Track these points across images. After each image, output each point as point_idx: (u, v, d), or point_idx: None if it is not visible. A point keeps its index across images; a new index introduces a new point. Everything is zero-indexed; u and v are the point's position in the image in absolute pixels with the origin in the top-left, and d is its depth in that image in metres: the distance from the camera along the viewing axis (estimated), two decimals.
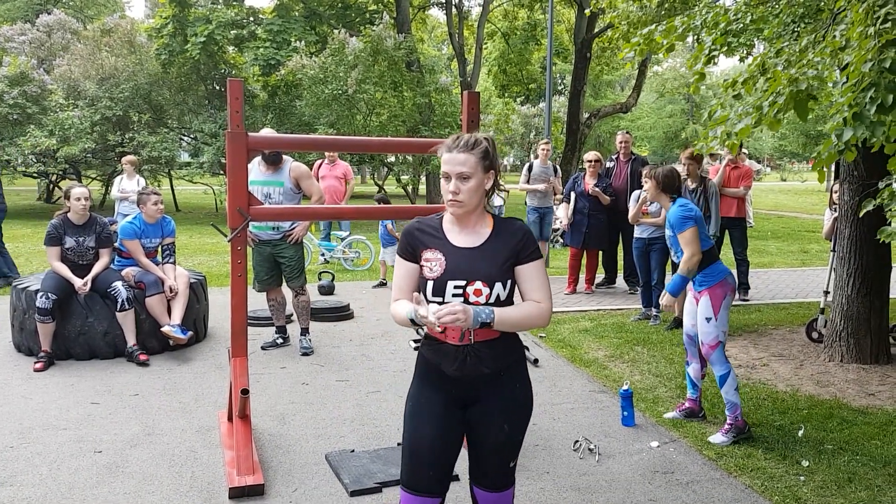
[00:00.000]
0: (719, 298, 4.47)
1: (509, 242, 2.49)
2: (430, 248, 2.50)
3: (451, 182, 2.43)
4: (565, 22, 29.70)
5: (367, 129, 17.16)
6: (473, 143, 2.44)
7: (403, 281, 2.56)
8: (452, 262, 2.46)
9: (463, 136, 2.46)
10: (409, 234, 2.56)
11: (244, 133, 3.99)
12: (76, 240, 5.97)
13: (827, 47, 3.89)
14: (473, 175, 2.43)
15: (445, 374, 2.50)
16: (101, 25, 20.75)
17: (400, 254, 2.57)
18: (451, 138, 2.49)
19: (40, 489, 3.66)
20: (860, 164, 5.84)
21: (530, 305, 2.50)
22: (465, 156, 2.42)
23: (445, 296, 2.43)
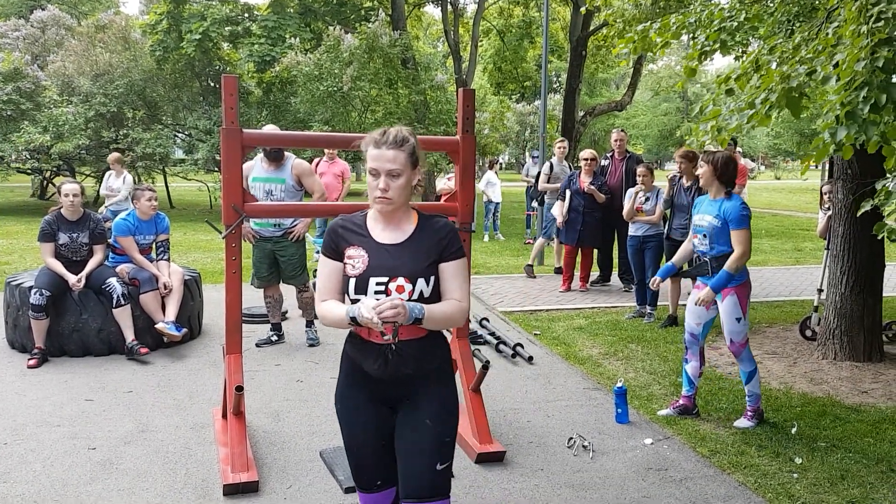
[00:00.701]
0: (745, 297, 4.54)
1: (433, 239, 2.46)
2: (353, 245, 2.46)
3: (380, 179, 2.37)
4: (561, 20, 29.71)
5: (362, 126, 17.12)
6: (402, 139, 2.39)
7: (328, 280, 2.50)
8: (375, 258, 2.42)
9: (390, 132, 2.39)
10: (333, 231, 2.51)
11: (239, 129, 3.98)
12: (70, 236, 5.95)
13: (819, 45, 3.90)
14: (403, 172, 2.38)
15: (365, 372, 2.46)
16: (95, 21, 20.68)
17: (324, 252, 2.51)
18: (376, 133, 2.41)
19: (34, 486, 3.65)
20: (854, 163, 5.85)
21: (452, 304, 2.45)
22: (394, 152, 2.36)
23: (367, 293, 2.39)
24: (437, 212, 5.14)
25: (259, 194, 5.94)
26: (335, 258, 2.49)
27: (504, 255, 12.51)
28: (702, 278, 4.69)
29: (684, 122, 49.60)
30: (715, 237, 4.57)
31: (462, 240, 4.39)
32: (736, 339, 4.54)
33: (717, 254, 4.56)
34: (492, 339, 6.41)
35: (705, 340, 4.84)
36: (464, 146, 4.30)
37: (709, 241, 4.61)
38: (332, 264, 2.49)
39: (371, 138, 2.41)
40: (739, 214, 4.47)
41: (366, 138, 2.44)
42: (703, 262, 4.69)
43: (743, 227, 4.47)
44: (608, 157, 9.19)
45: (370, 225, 2.50)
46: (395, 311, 2.23)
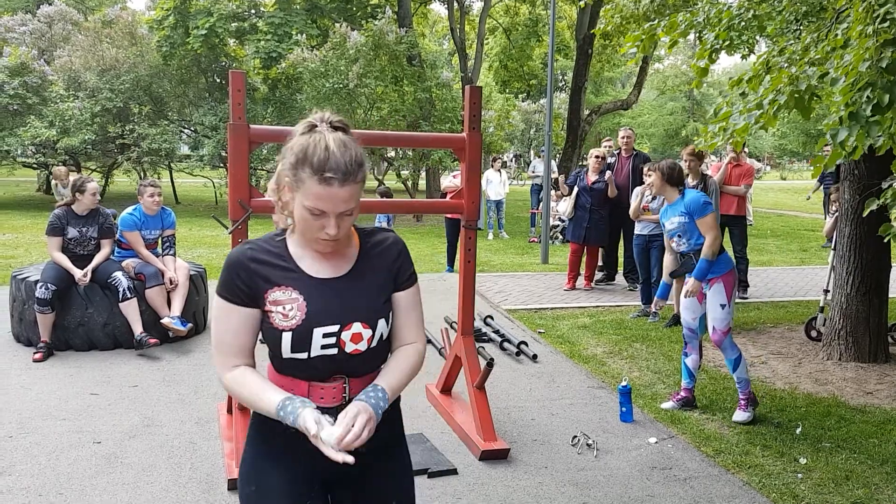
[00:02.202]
0: (731, 286, 4.68)
1: (384, 263, 1.91)
2: (279, 284, 1.81)
3: (326, 220, 1.73)
4: (567, 18, 29.66)
5: (367, 123, 17.12)
6: (356, 164, 1.73)
7: (238, 336, 1.81)
8: (315, 301, 1.80)
9: (338, 158, 1.70)
10: (240, 266, 1.81)
11: (246, 125, 3.98)
12: (79, 230, 5.97)
13: (829, 46, 3.89)
14: (356, 206, 1.77)
15: (309, 448, 1.73)
16: (102, 17, 20.73)
17: (227, 295, 1.81)
18: (315, 158, 1.69)
19: (39, 479, 3.66)
20: (861, 164, 5.84)
21: (410, 356, 1.92)
22: (349, 188, 1.72)
23: (312, 349, 1.79)
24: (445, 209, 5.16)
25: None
26: (247, 304, 1.80)
27: (508, 253, 12.51)
28: (690, 274, 4.80)
29: (690, 121, 49.54)
30: (689, 232, 4.78)
31: (468, 237, 4.42)
32: (719, 326, 4.64)
33: (695, 246, 4.78)
34: (496, 337, 6.41)
35: (703, 334, 4.90)
36: (470, 143, 4.30)
37: (685, 239, 4.82)
38: (244, 313, 1.81)
39: (308, 165, 1.70)
40: (700, 203, 4.72)
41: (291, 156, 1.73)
42: (687, 259, 4.85)
43: (706, 214, 4.70)
44: (615, 155, 9.18)
45: (295, 253, 1.85)
46: (369, 430, 1.72)
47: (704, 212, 4.70)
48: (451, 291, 8.11)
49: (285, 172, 1.75)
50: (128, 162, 19.79)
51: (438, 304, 7.85)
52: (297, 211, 1.76)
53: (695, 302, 4.78)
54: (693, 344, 4.85)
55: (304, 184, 1.70)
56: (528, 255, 12.30)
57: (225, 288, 1.81)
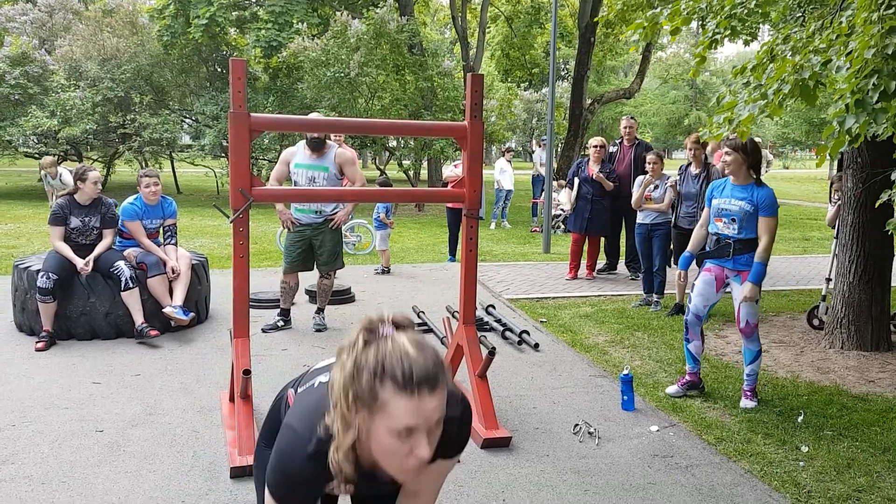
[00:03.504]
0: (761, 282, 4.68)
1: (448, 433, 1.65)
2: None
3: (419, 440, 1.50)
4: (569, 6, 29.54)
5: (368, 112, 17.08)
6: (441, 365, 1.53)
7: None
8: (362, 486, 1.69)
9: (422, 363, 1.49)
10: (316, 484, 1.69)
11: (246, 113, 3.97)
12: (82, 220, 5.98)
13: (833, 33, 3.86)
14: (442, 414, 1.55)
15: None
16: (102, 6, 20.65)
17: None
18: (398, 371, 1.47)
19: (42, 468, 3.67)
20: (864, 152, 5.82)
21: None
22: (439, 394, 1.51)
23: None
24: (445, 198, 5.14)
25: (302, 180, 6.02)
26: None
27: (510, 242, 12.50)
28: (716, 261, 4.75)
29: (692, 110, 49.41)
30: (746, 221, 4.63)
31: (470, 226, 4.41)
32: (752, 319, 4.65)
33: (743, 237, 4.64)
34: (498, 326, 6.41)
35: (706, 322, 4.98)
36: (472, 132, 4.28)
37: (737, 225, 4.65)
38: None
39: (390, 379, 1.47)
40: (772, 202, 4.59)
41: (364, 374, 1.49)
42: (725, 245, 4.72)
43: (774, 215, 4.59)
44: (617, 143, 9.16)
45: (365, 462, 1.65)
46: None
47: (773, 212, 4.57)
48: (453, 281, 8.12)
49: (358, 393, 1.50)
50: (129, 152, 19.78)
51: (440, 294, 7.86)
52: (378, 440, 1.52)
53: (710, 289, 4.77)
54: (695, 330, 4.86)
55: (389, 403, 1.47)
56: (530, 244, 12.29)
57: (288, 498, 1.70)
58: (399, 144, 20.14)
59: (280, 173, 6.17)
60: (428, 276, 9.08)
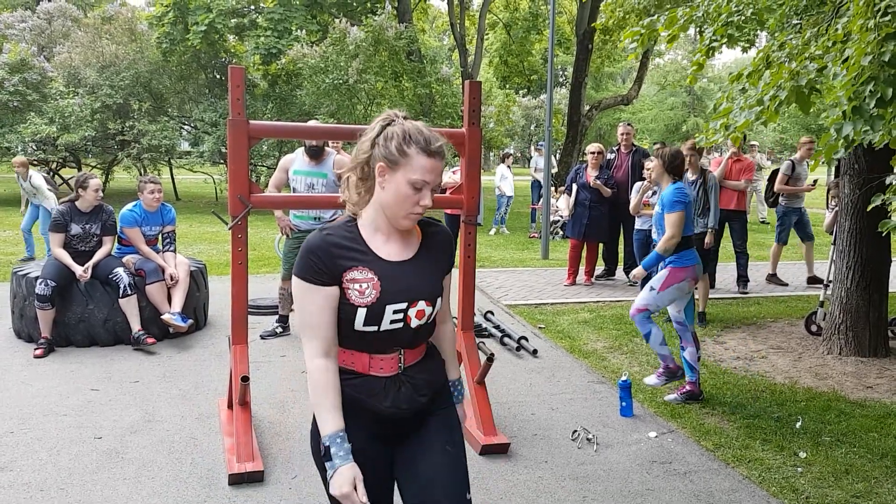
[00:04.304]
0: (675, 280, 4.81)
1: (439, 249, 2.15)
2: (355, 266, 1.99)
3: (426, 193, 1.98)
4: (567, 13, 29.62)
5: (367, 118, 17.11)
6: (442, 141, 2.01)
7: (324, 314, 1.98)
8: (388, 280, 2.00)
9: (435, 136, 1.99)
10: (323, 249, 1.98)
11: (245, 121, 3.98)
12: (83, 227, 5.99)
13: (829, 40, 3.88)
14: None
15: (370, 411, 2.04)
16: (101, 13, 20.68)
17: (309, 276, 1.97)
18: (418, 136, 1.96)
19: (40, 474, 3.67)
20: (861, 158, 5.84)
21: (450, 332, 2.30)
22: (442, 162, 1.99)
23: (382, 323, 2.00)
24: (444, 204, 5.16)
25: (300, 187, 6.03)
26: (327, 283, 1.97)
27: (509, 248, 12.51)
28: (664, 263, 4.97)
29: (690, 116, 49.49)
30: (659, 223, 4.91)
31: (468, 232, 4.42)
32: (638, 302, 4.87)
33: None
34: (496, 332, 6.42)
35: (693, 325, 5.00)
36: (470, 138, 4.30)
37: (657, 228, 4.98)
38: (325, 292, 1.97)
39: (415, 143, 1.95)
40: (672, 200, 4.81)
41: (393, 139, 1.96)
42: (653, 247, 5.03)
43: (675, 211, 4.77)
44: (614, 150, 9.18)
45: (367, 237, 2.05)
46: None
47: (673, 208, 4.79)
48: (452, 286, 8.13)
49: (386, 156, 1.95)
50: (128, 158, 19.77)
51: None
52: (395, 188, 1.96)
53: (679, 296, 4.87)
54: (686, 337, 4.91)
55: (412, 159, 1.93)
56: (529, 250, 12.30)
57: (306, 271, 1.97)
58: None
59: (279, 180, 6.18)
60: None
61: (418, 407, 2.08)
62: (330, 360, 1.99)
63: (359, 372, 2.04)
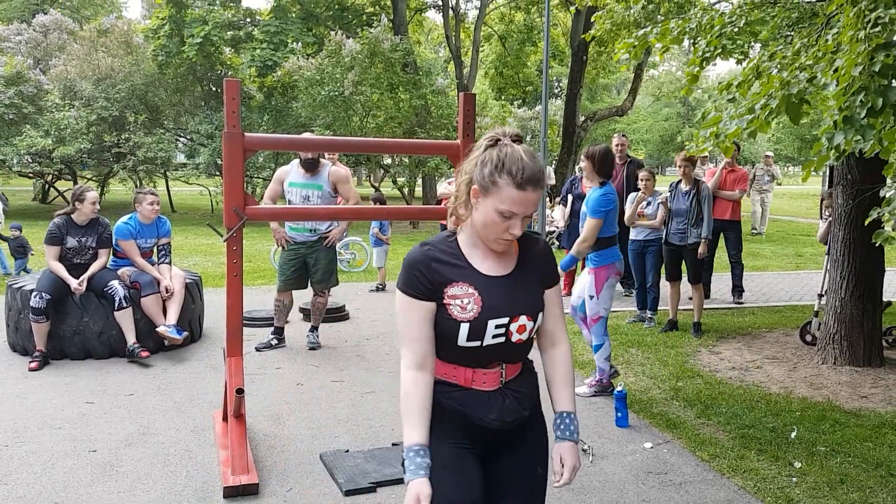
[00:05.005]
0: (602, 279, 5.04)
1: (537, 262, 2.13)
2: (456, 281, 2.01)
3: (515, 222, 1.95)
4: (562, 25, 29.76)
5: (363, 130, 17.16)
6: (543, 174, 1.95)
7: (422, 328, 2.00)
8: (489, 296, 2.01)
9: (532, 167, 1.92)
10: (424, 264, 2.01)
11: (240, 133, 4.00)
12: (79, 240, 5.98)
13: (819, 51, 3.92)
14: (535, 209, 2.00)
15: (473, 425, 2.06)
16: (97, 26, 20.73)
17: (410, 291, 2.01)
18: (512, 165, 1.91)
19: (35, 488, 3.66)
20: (854, 169, 5.87)
21: (564, 356, 2.21)
22: (538, 193, 1.94)
23: (485, 338, 2.01)
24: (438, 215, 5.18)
25: (296, 199, 6.04)
26: (428, 298, 2.00)
27: None
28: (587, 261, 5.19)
29: (685, 127, 49.69)
30: (583, 222, 5.12)
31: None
32: (590, 314, 5.10)
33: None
34: None
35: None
36: (465, 150, 4.31)
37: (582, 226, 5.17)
38: (425, 307, 2.00)
39: (507, 173, 1.92)
40: (596, 205, 5.00)
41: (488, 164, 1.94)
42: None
43: (595, 217, 4.97)
44: None
45: (467, 252, 2.06)
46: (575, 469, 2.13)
47: (594, 214, 4.98)
48: None
49: (479, 180, 1.95)
50: (124, 171, 19.78)
51: None
52: (484, 214, 1.97)
53: (613, 292, 5.22)
54: (578, 321, 5.38)
55: (502, 190, 1.92)
56: None
57: (408, 285, 2.01)
58: (394, 162, 20.20)
59: (274, 192, 6.19)
60: None
61: (522, 419, 2.11)
62: (423, 373, 2.00)
63: (461, 385, 2.06)
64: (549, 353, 2.23)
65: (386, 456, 4.07)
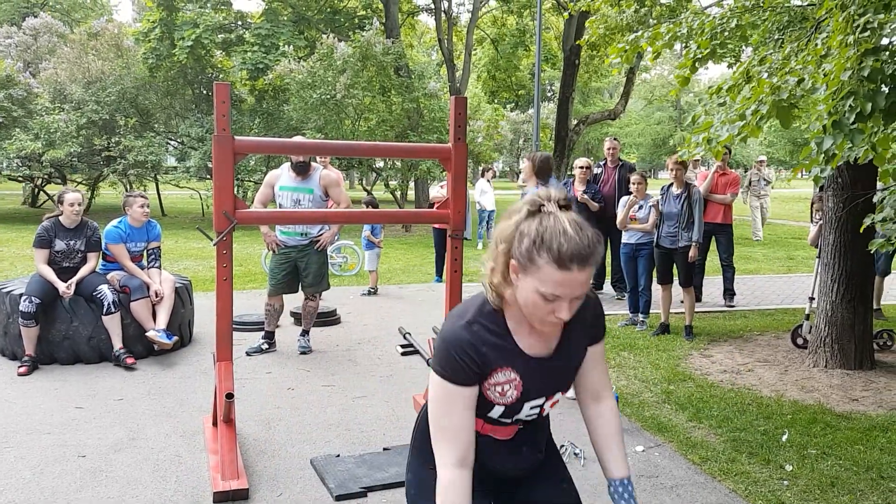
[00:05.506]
0: None
1: (583, 329, 1.95)
2: (502, 366, 1.83)
3: (562, 305, 1.71)
4: (554, 29, 29.84)
5: (355, 133, 17.14)
6: (594, 247, 1.67)
7: (464, 417, 1.80)
8: (531, 380, 1.87)
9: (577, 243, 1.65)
10: (474, 349, 1.80)
11: (230, 137, 3.98)
12: (67, 243, 5.95)
13: (809, 55, 3.93)
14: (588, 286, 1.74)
15: (486, 470, 1.96)
16: (87, 29, 20.68)
17: (456, 379, 1.79)
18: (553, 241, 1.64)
19: (23, 493, 3.63)
20: (844, 173, 5.89)
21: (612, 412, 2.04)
22: (588, 272, 1.68)
23: (518, 416, 1.93)
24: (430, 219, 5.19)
25: (287, 203, 6.02)
26: (471, 383, 1.80)
27: None
28: None
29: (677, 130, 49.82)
30: None
31: (454, 247, 4.43)
32: None
33: None
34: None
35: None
36: (456, 154, 4.31)
37: None
38: (468, 393, 1.80)
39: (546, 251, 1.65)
40: None
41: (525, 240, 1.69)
42: None
43: None
44: (601, 165, 9.23)
45: (513, 330, 1.86)
46: None
47: None
48: (440, 301, 8.11)
49: (517, 256, 1.71)
50: (114, 174, 19.72)
51: (426, 314, 7.86)
52: (525, 294, 1.72)
53: None
54: None
55: (541, 270, 1.66)
56: None
57: (453, 371, 1.78)
58: (386, 165, 20.20)
59: (265, 196, 6.18)
60: (414, 297, 9.08)
61: (537, 462, 2.04)
62: (464, 471, 1.79)
63: (477, 431, 1.90)
64: (594, 408, 2.05)
65: (377, 461, 4.06)
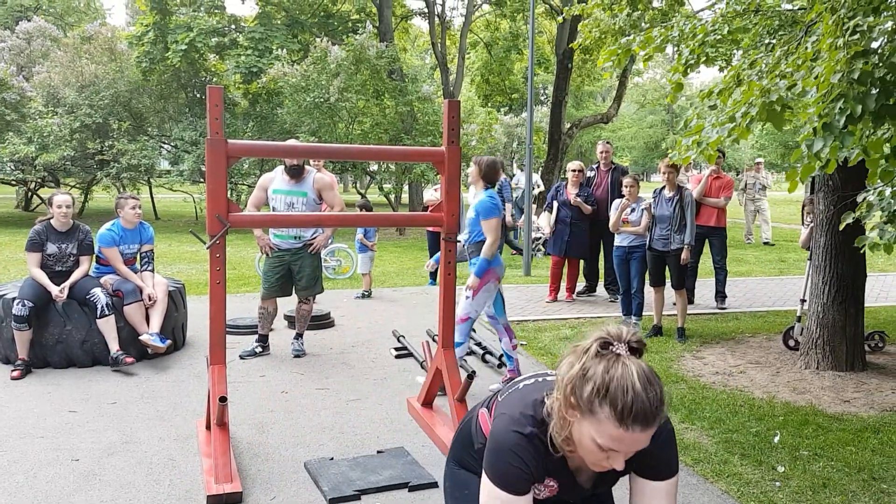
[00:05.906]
0: (482, 283, 5.21)
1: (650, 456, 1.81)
2: (551, 476, 1.83)
3: (617, 457, 1.65)
4: (547, 33, 29.89)
5: (348, 137, 17.14)
6: (661, 406, 1.59)
7: None
8: (565, 490, 1.88)
9: (644, 403, 1.56)
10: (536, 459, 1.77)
11: (223, 140, 3.99)
12: (59, 246, 5.94)
13: (799, 58, 3.96)
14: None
15: None
16: (81, 33, 20.61)
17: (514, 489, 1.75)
18: (617, 396, 1.56)
19: (16, 497, 3.62)
20: (835, 175, 5.92)
21: None
22: (650, 432, 1.60)
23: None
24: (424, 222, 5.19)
25: (280, 206, 6.03)
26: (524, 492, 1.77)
27: None
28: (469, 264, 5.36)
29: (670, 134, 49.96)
30: (473, 227, 5.26)
31: (448, 250, 4.44)
32: (459, 312, 5.14)
33: (473, 241, 5.30)
34: (478, 349, 6.42)
35: (503, 318, 5.48)
36: (449, 157, 4.33)
37: (466, 231, 5.32)
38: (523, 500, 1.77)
39: (609, 405, 1.57)
40: (487, 207, 5.17)
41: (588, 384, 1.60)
42: (463, 249, 5.34)
43: (491, 217, 5.14)
44: (594, 168, 9.26)
45: (573, 466, 1.85)
46: None
47: (489, 215, 5.14)
48: (434, 304, 8.12)
49: (578, 395, 1.62)
50: (107, 178, 19.65)
51: (420, 317, 7.86)
52: (580, 435, 1.66)
53: (490, 297, 5.31)
54: (499, 328, 5.44)
55: (601, 422, 1.59)
56: (510, 267, 12.32)
57: (516, 481, 1.75)
58: (380, 168, 20.19)
59: (258, 199, 6.18)
60: (408, 300, 9.09)
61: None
62: None
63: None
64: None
65: (371, 463, 4.06)
